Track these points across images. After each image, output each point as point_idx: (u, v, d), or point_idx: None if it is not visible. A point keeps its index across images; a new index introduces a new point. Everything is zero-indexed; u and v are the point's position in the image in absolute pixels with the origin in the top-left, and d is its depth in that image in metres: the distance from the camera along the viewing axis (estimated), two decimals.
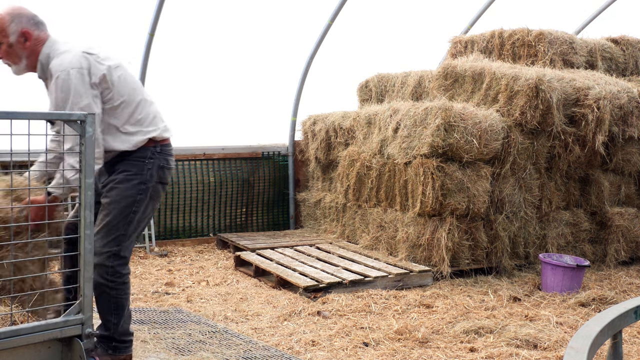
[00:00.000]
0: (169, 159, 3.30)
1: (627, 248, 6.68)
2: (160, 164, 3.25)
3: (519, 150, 6.06)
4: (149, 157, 3.22)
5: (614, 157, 6.67)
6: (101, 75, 3.05)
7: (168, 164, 3.30)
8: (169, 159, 3.30)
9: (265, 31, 7.73)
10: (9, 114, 2.31)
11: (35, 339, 2.54)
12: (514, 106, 6.00)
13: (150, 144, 3.25)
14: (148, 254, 6.70)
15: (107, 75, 3.07)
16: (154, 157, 3.23)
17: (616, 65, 7.44)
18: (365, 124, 6.71)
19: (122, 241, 3.21)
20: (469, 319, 4.63)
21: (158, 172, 3.25)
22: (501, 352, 3.92)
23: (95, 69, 3.04)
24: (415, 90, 7.52)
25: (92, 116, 2.38)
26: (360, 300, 5.06)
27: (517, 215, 6.18)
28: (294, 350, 3.99)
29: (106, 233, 3.19)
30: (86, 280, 2.55)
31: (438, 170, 5.69)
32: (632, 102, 6.44)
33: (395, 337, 4.21)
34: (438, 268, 5.72)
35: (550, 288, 5.50)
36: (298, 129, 8.35)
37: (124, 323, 3.29)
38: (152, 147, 3.24)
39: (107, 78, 3.07)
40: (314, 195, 7.94)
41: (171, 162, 3.32)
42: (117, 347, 3.30)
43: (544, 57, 6.80)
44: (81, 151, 2.42)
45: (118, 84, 3.11)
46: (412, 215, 5.92)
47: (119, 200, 3.18)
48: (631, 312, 2.43)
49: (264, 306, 4.98)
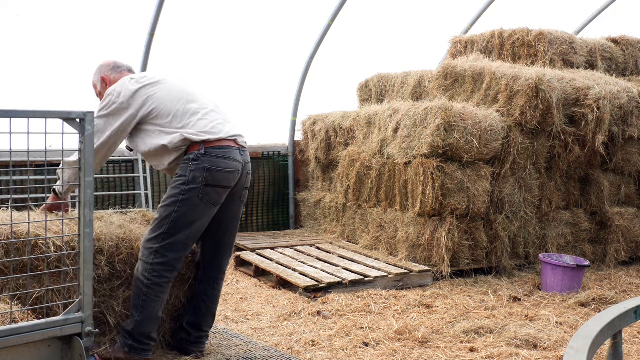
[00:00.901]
0: (217, 162, 3.29)
1: (627, 248, 6.68)
2: (206, 165, 3.26)
3: (519, 150, 6.06)
4: (193, 159, 3.28)
5: (614, 157, 6.67)
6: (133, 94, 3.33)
7: (217, 166, 3.29)
8: (218, 161, 3.29)
9: (265, 31, 7.73)
10: (8, 112, 2.31)
11: (36, 338, 2.54)
12: (514, 106, 6.00)
13: (196, 147, 3.30)
14: None
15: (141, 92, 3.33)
16: (197, 159, 3.27)
17: (616, 65, 7.44)
18: (365, 124, 6.71)
19: (164, 240, 3.26)
20: (469, 319, 4.62)
21: (204, 174, 3.26)
22: (501, 352, 3.92)
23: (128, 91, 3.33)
24: (415, 90, 7.52)
25: (92, 114, 2.38)
26: (360, 300, 5.05)
27: (517, 215, 6.18)
28: (294, 350, 3.99)
29: (151, 230, 3.31)
30: (86, 279, 2.55)
31: (438, 170, 5.69)
32: (632, 102, 6.44)
33: (395, 337, 4.20)
34: (438, 268, 5.72)
35: (550, 288, 5.50)
36: (298, 129, 8.35)
37: (147, 325, 3.28)
38: (196, 150, 3.30)
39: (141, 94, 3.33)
40: (314, 195, 7.93)
41: (222, 164, 3.30)
42: (133, 346, 3.29)
43: (544, 57, 6.80)
44: (81, 149, 2.41)
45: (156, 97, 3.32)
46: (412, 215, 5.92)
47: (165, 200, 3.33)
48: (631, 312, 2.43)
49: (264, 306, 4.98)
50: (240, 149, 3.40)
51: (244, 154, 3.45)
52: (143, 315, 3.27)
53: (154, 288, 3.27)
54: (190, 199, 3.27)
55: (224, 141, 3.34)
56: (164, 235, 3.27)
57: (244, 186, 3.51)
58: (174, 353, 3.71)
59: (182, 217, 3.28)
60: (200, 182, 3.26)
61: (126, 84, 3.33)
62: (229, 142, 3.36)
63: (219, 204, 3.39)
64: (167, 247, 3.27)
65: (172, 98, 3.34)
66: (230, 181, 3.35)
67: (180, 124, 3.30)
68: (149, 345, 3.33)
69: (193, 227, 3.32)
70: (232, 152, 3.34)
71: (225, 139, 3.34)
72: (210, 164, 3.27)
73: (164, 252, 3.26)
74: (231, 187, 3.37)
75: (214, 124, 3.34)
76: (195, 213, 3.29)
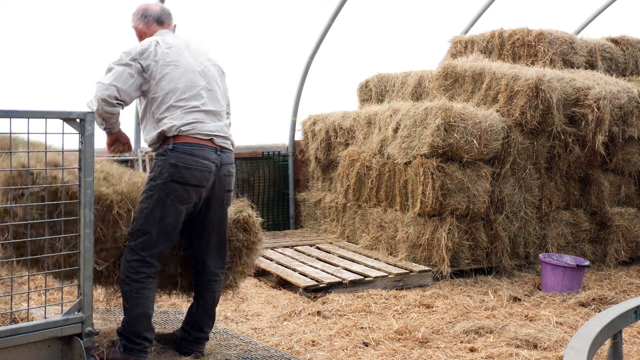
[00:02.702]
0: (185, 158, 3.24)
1: (627, 248, 6.68)
2: (172, 161, 3.23)
3: (519, 150, 6.06)
4: (161, 154, 3.28)
5: (614, 157, 6.67)
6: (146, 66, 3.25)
7: (184, 162, 3.23)
8: (185, 157, 3.24)
9: (265, 31, 7.73)
10: (8, 112, 2.31)
11: (36, 338, 2.54)
12: (514, 106, 6.00)
13: (167, 142, 3.28)
14: None
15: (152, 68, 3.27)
16: (165, 155, 3.26)
17: (616, 65, 7.44)
18: (365, 124, 6.71)
19: (137, 237, 3.26)
20: (469, 319, 4.62)
21: (170, 169, 3.23)
22: (501, 352, 3.92)
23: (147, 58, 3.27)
24: (415, 90, 7.52)
25: (92, 115, 2.38)
26: (360, 300, 5.05)
27: (517, 215, 6.18)
28: (294, 350, 3.99)
29: (130, 227, 3.31)
30: (86, 279, 2.55)
31: (438, 170, 5.69)
32: (632, 102, 6.44)
33: (395, 337, 4.20)
34: (438, 268, 5.72)
35: (550, 288, 5.49)
36: (298, 129, 8.35)
37: (136, 323, 3.27)
38: (166, 145, 3.28)
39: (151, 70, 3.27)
40: (314, 195, 7.93)
41: (190, 161, 3.24)
42: (126, 346, 3.28)
43: (544, 57, 6.80)
44: (80, 149, 2.41)
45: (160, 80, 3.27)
46: (412, 215, 5.92)
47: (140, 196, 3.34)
48: (631, 312, 2.43)
49: (264, 306, 4.98)
50: (217, 149, 3.34)
51: (223, 155, 3.37)
52: (129, 313, 3.27)
53: (134, 285, 3.24)
54: (157, 195, 3.24)
55: (196, 139, 3.28)
56: (137, 232, 3.27)
57: (225, 188, 3.44)
58: (170, 353, 3.71)
59: (152, 214, 3.25)
60: (165, 177, 3.23)
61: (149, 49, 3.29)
62: (203, 141, 3.30)
63: (189, 203, 3.32)
64: (140, 244, 3.25)
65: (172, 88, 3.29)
66: (200, 180, 3.28)
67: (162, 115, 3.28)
68: (142, 345, 3.30)
69: (164, 224, 3.26)
70: (203, 150, 3.27)
71: (197, 137, 3.28)
72: (176, 159, 3.23)
73: (137, 250, 3.26)
74: (202, 185, 3.31)
75: (190, 121, 3.28)
76: (163, 209, 3.24)
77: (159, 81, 3.26)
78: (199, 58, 3.43)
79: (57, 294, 4.96)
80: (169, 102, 3.27)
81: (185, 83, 3.29)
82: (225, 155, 3.38)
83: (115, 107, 3.19)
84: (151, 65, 3.25)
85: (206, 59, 3.48)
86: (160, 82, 3.26)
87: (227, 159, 3.39)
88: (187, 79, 3.30)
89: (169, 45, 3.35)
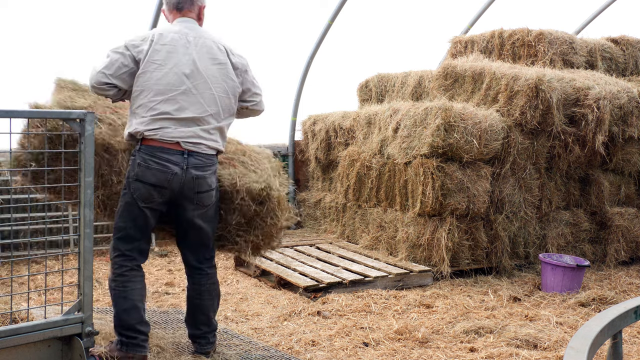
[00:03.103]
0: (147, 159, 3.29)
1: (627, 248, 6.68)
2: (138, 161, 3.30)
3: (519, 150, 6.06)
4: (132, 154, 3.38)
5: (614, 157, 6.67)
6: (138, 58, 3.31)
7: (146, 163, 3.28)
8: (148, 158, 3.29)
9: (265, 31, 7.73)
10: (8, 112, 2.31)
11: (36, 338, 2.54)
12: (514, 106, 6.00)
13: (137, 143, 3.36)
14: None
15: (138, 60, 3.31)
16: (134, 155, 3.34)
17: (616, 65, 7.44)
18: (365, 124, 6.71)
19: (117, 232, 3.38)
20: (469, 319, 4.62)
21: (135, 169, 3.31)
22: (501, 352, 3.92)
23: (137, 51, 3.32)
24: (415, 90, 7.52)
25: (92, 114, 2.38)
26: (360, 300, 5.05)
27: (517, 215, 6.17)
28: (294, 350, 3.99)
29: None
30: (86, 279, 2.55)
31: (438, 170, 5.68)
32: (632, 102, 6.44)
33: (395, 337, 4.20)
34: (438, 268, 5.72)
35: (550, 288, 5.49)
36: (298, 129, 8.35)
37: (125, 317, 3.30)
38: (137, 146, 3.36)
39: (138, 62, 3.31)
40: (314, 195, 7.93)
41: (151, 162, 3.28)
42: (123, 342, 3.31)
43: (544, 57, 6.80)
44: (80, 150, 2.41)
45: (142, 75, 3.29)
46: (412, 215, 5.92)
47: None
48: (631, 312, 2.43)
49: (264, 306, 4.98)
50: (184, 152, 3.33)
51: (191, 158, 3.35)
52: (118, 307, 3.32)
53: (119, 279, 3.33)
54: (126, 193, 3.36)
55: (160, 142, 3.30)
56: (115, 229, 3.40)
57: (195, 190, 3.39)
58: (171, 352, 3.71)
59: (124, 210, 3.36)
60: (132, 176, 3.33)
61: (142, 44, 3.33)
62: (168, 144, 3.30)
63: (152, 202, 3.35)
64: (118, 239, 3.37)
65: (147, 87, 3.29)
66: (161, 181, 3.30)
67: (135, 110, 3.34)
68: (137, 339, 3.32)
69: (135, 221, 3.35)
70: (167, 152, 3.30)
71: (161, 141, 3.30)
72: (141, 160, 3.30)
73: (117, 245, 3.37)
74: (163, 186, 3.32)
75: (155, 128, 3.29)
76: (130, 207, 3.34)
77: (138, 76, 3.28)
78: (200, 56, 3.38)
79: (57, 294, 4.96)
80: (142, 101, 3.29)
81: (162, 85, 3.28)
82: (194, 158, 3.35)
83: (107, 90, 3.28)
84: (141, 58, 3.29)
85: (210, 57, 3.40)
86: (139, 78, 3.28)
87: (195, 162, 3.36)
88: (166, 82, 3.29)
89: (164, 42, 3.32)
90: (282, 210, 3.81)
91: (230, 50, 3.51)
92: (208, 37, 3.44)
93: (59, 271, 3.05)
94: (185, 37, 3.37)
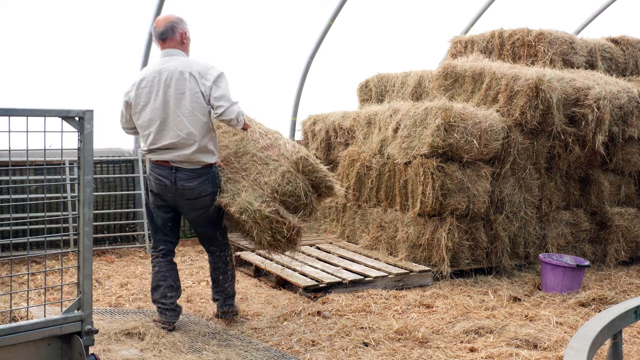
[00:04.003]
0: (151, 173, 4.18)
1: (627, 248, 6.68)
2: (147, 174, 4.29)
3: (519, 150, 6.05)
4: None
5: (614, 157, 6.66)
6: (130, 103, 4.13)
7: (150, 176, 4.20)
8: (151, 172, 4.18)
9: (265, 31, 7.73)
10: (7, 110, 2.30)
11: (35, 336, 2.53)
12: (514, 106, 6.00)
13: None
14: (148, 254, 6.69)
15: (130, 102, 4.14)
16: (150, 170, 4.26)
17: (616, 65, 7.44)
18: (365, 124, 6.71)
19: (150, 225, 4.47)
20: (469, 319, 4.62)
21: (148, 180, 4.27)
22: (501, 352, 3.91)
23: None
24: (415, 90, 7.52)
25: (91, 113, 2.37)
26: (360, 300, 5.05)
27: (517, 215, 6.17)
28: (294, 350, 3.99)
29: None
30: (85, 277, 2.54)
31: (438, 170, 5.68)
32: (632, 102, 6.44)
33: (395, 337, 4.20)
34: (438, 268, 5.72)
35: (550, 288, 5.49)
36: (298, 129, 8.34)
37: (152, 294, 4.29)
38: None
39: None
40: None
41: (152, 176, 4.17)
42: (157, 310, 4.32)
43: (544, 57, 6.79)
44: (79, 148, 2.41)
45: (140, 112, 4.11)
46: (412, 215, 5.92)
47: None
48: (631, 312, 2.43)
49: (264, 306, 4.98)
50: (173, 168, 4.07)
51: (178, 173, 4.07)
52: (151, 285, 4.33)
53: (152, 262, 4.36)
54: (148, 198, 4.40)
55: (156, 161, 4.14)
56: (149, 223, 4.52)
57: (185, 197, 4.11)
58: (171, 352, 3.72)
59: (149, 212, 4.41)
60: (148, 186, 4.32)
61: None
62: (162, 162, 4.11)
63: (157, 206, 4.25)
64: (151, 231, 4.41)
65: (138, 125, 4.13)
66: (159, 189, 4.15)
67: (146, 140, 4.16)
68: (160, 308, 4.25)
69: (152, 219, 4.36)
70: (160, 167, 4.11)
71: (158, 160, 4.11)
72: (149, 172, 4.25)
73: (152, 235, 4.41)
74: (160, 194, 4.16)
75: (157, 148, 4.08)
76: (148, 209, 4.42)
77: (133, 115, 4.12)
78: (169, 91, 3.98)
79: (57, 294, 4.96)
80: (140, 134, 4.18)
81: (146, 122, 4.05)
82: (180, 173, 4.08)
83: (132, 133, 4.31)
84: (131, 103, 4.09)
85: (177, 89, 3.97)
86: (134, 117, 4.12)
87: (182, 176, 4.07)
88: (148, 119, 4.03)
89: (143, 85, 4.02)
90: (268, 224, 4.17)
91: (199, 73, 3.98)
92: (179, 68, 3.97)
93: (59, 270, 3.05)
94: (159, 76, 3.98)
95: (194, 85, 3.96)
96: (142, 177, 6.98)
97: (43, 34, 6.50)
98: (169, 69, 3.98)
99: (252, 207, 4.06)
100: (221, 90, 3.97)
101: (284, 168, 4.23)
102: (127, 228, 7.09)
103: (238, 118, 4.01)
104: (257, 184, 4.21)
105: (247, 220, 4.08)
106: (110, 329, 4.10)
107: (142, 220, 6.93)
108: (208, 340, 4.07)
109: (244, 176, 4.28)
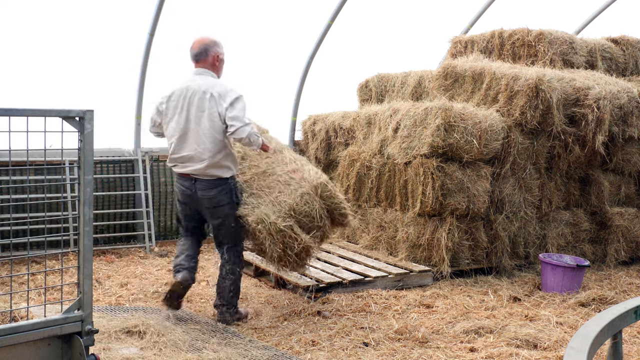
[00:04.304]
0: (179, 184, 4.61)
1: (627, 248, 6.68)
2: (176, 186, 4.71)
3: (519, 150, 6.05)
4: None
5: (614, 157, 6.66)
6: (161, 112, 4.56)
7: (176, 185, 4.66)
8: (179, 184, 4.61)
9: (265, 31, 7.72)
10: (7, 110, 2.30)
11: (35, 336, 2.53)
12: (514, 106, 6.00)
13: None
14: (148, 254, 6.70)
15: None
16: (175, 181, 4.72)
17: (616, 65, 7.44)
18: (365, 124, 6.71)
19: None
20: (469, 319, 4.62)
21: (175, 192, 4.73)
22: (501, 352, 3.91)
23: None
24: (415, 90, 7.52)
25: (91, 113, 2.38)
26: (360, 300, 5.05)
27: (517, 215, 6.17)
28: (294, 350, 3.99)
29: None
30: (85, 277, 2.54)
31: (438, 170, 5.68)
32: (632, 102, 6.44)
33: (395, 337, 4.20)
34: (438, 268, 5.72)
35: (550, 288, 5.49)
36: (298, 129, 8.34)
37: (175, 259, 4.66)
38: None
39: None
40: None
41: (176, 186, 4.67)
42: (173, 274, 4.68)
43: (544, 57, 6.79)
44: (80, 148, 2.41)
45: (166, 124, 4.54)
46: (412, 215, 5.92)
47: None
48: (631, 312, 2.43)
49: (264, 306, 4.98)
50: (192, 179, 4.47)
51: (197, 184, 4.46)
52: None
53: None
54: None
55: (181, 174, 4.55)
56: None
57: (204, 205, 4.50)
58: (171, 351, 3.71)
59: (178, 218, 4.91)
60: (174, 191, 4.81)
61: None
62: (184, 175, 4.53)
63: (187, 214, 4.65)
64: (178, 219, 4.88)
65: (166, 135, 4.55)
66: (182, 197, 4.58)
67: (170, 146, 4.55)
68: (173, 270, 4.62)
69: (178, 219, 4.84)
70: (181, 179, 4.55)
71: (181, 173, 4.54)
72: (176, 185, 4.70)
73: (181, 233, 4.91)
74: (184, 202, 4.59)
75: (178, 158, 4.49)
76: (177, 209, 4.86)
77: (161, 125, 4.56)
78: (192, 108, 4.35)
79: (57, 294, 4.96)
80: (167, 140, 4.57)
81: (170, 132, 4.46)
82: (199, 183, 4.46)
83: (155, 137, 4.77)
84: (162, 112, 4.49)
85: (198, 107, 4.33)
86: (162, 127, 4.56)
87: (200, 186, 4.46)
88: (172, 129, 4.43)
89: (173, 99, 4.40)
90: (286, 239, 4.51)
91: (219, 94, 4.32)
92: (202, 88, 4.33)
93: (59, 270, 3.05)
94: (186, 92, 4.36)
95: (212, 105, 4.31)
96: (142, 177, 6.98)
97: (43, 34, 6.50)
98: (194, 87, 4.36)
99: (268, 219, 4.40)
100: (235, 111, 4.29)
101: (303, 190, 4.55)
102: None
103: (250, 138, 4.31)
104: (277, 201, 4.54)
105: (262, 231, 4.40)
106: (110, 327, 4.10)
107: (142, 221, 6.93)
108: (208, 339, 4.07)
109: (267, 193, 4.64)
